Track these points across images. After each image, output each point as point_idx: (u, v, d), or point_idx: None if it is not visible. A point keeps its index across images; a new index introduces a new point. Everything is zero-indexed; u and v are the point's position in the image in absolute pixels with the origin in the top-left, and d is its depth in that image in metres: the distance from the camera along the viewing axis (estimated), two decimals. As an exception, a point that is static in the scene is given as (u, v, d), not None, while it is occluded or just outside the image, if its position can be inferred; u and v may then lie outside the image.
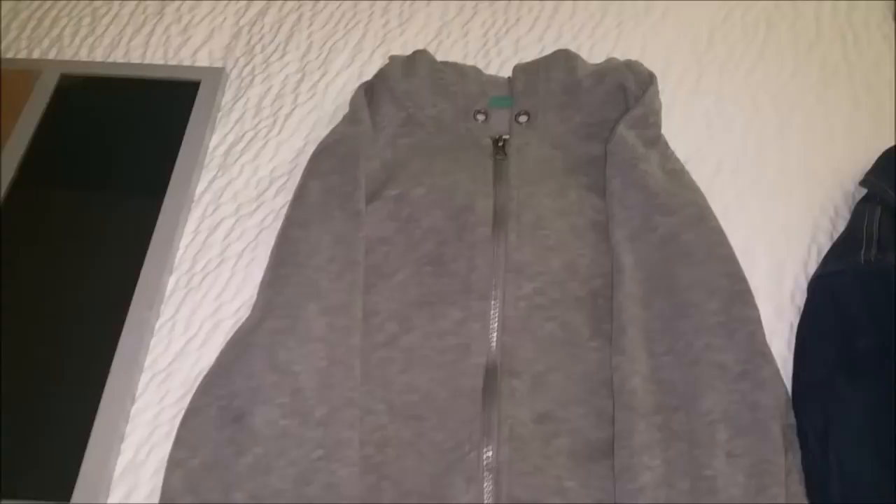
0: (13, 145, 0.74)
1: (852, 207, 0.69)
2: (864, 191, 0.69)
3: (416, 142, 0.71)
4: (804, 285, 0.65)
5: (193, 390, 0.59)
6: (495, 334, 0.61)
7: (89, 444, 0.58)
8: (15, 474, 0.58)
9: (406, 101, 0.72)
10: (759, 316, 0.59)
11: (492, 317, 0.62)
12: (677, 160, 0.70)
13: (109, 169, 0.73)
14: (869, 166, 0.70)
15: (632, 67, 0.73)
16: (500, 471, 0.55)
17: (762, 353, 0.57)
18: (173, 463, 0.56)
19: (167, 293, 0.66)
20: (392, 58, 0.75)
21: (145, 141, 0.75)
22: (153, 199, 0.70)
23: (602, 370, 0.60)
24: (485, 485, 0.55)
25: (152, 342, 0.64)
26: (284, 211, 0.66)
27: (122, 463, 0.59)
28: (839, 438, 0.54)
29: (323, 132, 0.71)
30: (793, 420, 0.57)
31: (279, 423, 0.55)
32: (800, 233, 0.69)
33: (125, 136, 0.75)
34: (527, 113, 0.72)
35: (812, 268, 0.66)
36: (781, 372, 0.59)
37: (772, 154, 0.74)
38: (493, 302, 0.62)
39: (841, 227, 0.68)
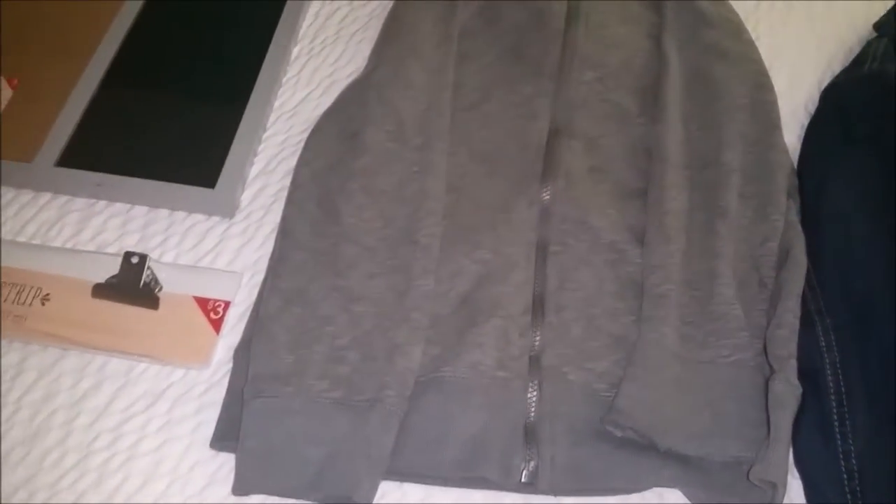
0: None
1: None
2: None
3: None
4: (817, 97, 0.78)
5: (315, 123, 0.74)
6: (560, 108, 0.75)
7: (230, 151, 0.73)
8: (169, 162, 0.73)
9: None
10: (776, 99, 0.72)
11: (558, 94, 0.75)
12: (723, -7, 0.83)
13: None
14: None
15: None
16: (555, 196, 0.69)
17: (776, 125, 0.71)
18: (302, 162, 0.70)
19: (293, 57, 0.81)
20: None
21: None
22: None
23: (646, 139, 0.72)
24: (541, 204, 0.69)
25: (280, 91, 0.79)
26: (392, 3, 0.80)
27: (255, 171, 0.74)
28: (831, 187, 0.67)
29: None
30: (796, 181, 0.70)
31: (385, 143, 0.70)
32: (818, 61, 0.81)
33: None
34: (596, -49, 0.86)
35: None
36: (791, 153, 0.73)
37: (801, 4, 0.87)
38: (560, 83, 0.76)
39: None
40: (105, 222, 0.72)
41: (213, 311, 0.66)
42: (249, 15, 0.84)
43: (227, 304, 0.67)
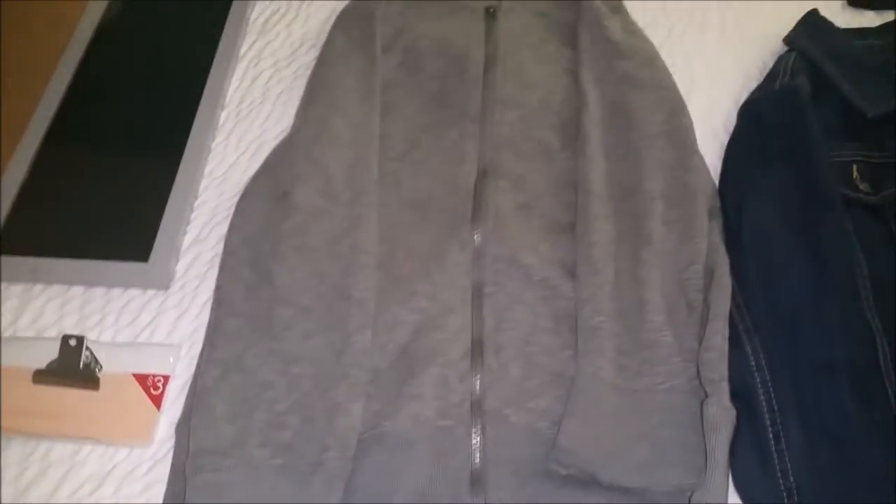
0: (87, 19, 0.89)
1: (778, 62, 0.85)
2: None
3: (421, 11, 0.86)
4: (734, 116, 0.80)
5: (245, 186, 0.74)
6: (486, 149, 0.76)
7: (162, 222, 0.74)
8: (102, 239, 0.74)
9: (413, -21, 0.88)
10: (691, 123, 0.74)
11: (483, 136, 0.77)
12: (635, 24, 0.84)
13: (170, 37, 0.89)
14: (795, 33, 0.86)
15: (598, -50, 0.88)
16: (486, 237, 0.70)
17: (693, 149, 0.72)
18: (233, 227, 0.71)
19: (220, 122, 0.82)
20: (401, -54, 0.90)
21: (198, 17, 0.90)
22: (207, 57, 0.85)
23: (570, 173, 0.74)
24: (473, 246, 0.70)
25: (210, 157, 0.79)
26: (314, 62, 0.82)
27: (188, 240, 0.75)
28: (752, 205, 0.69)
29: (345, 4, 0.86)
30: (718, 202, 0.72)
31: (314, 201, 0.70)
32: (734, 81, 0.83)
33: (181, 17, 0.91)
34: (513, -11, 0.88)
35: (742, 104, 0.82)
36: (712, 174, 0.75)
37: (713, 25, 0.89)
38: (483, 124, 0.77)
39: (768, 78, 0.84)
40: (43, 306, 0.72)
41: (152, 387, 0.66)
42: (176, 81, 0.85)
43: (167, 378, 0.67)
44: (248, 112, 0.83)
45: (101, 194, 0.76)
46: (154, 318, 0.71)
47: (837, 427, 0.57)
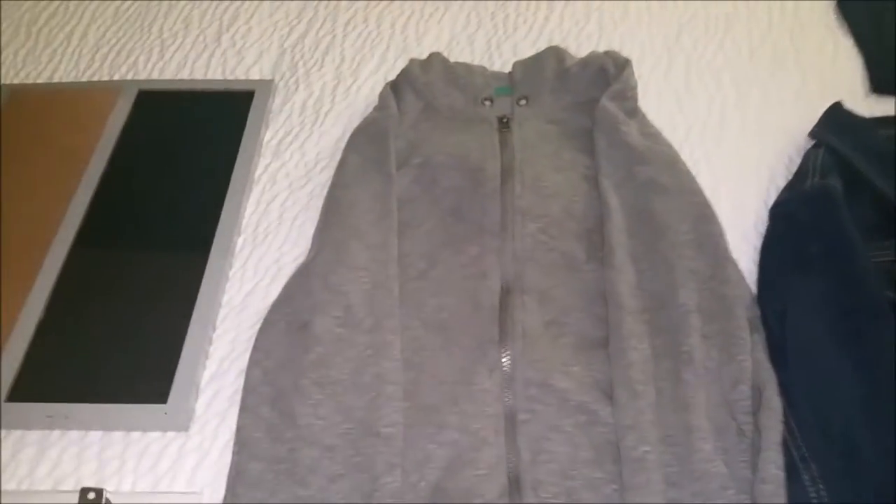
0: (103, 145, 0.89)
1: (803, 156, 0.83)
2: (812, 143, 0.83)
3: (435, 123, 0.86)
4: (765, 215, 0.78)
5: (264, 317, 0.72)
6: (508, 263, 0.74)
7: (180, 360, 0.71)
8: (118, 381, 0.71)
9: (425, 91, 0.87)
10: (722, 230, 0.72)
11: (504, 250, 0.75)
12: (653, 126, 0.84)
13: (184, 162, 0.88)
14: (817, 124, 0.84)
15: (610, 55, 0.87)
16: (515, 360, 0.68)
17: (726, 257, 0.70)
18: (252, 363, 0.69)
19: (237, 249, 0.80)
20: (412, 60, 0.90)
21: (212, 140, 0.90)
22: (223, 183, 0.84)
23: (597, 285, 0.72)
24: (502, 369, 0.67)
25: (227, 285, 0.77)
26: (329, 182, 0.81)
27: (207, 375, 0.72)
28: (794, 316, 0.66)
29: (358, 122, 0.86)
30: (758, 312, 0.69)
31: (335, 330, 0.68)
32: (759, 178, 0.82)
33: (195, 137, 0.90)
34: (525, 97, 0.87)
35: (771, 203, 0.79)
36: (747, 279, 0.72)
37: (733, 121, 0.88)
38: (504, 238, 0.75)
39: (795, 173, 0.82)
40: (61, 454, 0.69)
41: (174, 540, 0.63)
42: (192, 208, 0.84)
43: (189, 529, 0.63)
44: (265, 237, 0.81)
45: (117, 334, 0.74)
46: (174, 463, 0.67)
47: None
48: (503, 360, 0.68)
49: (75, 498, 0.65)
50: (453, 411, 0.65)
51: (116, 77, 0.98)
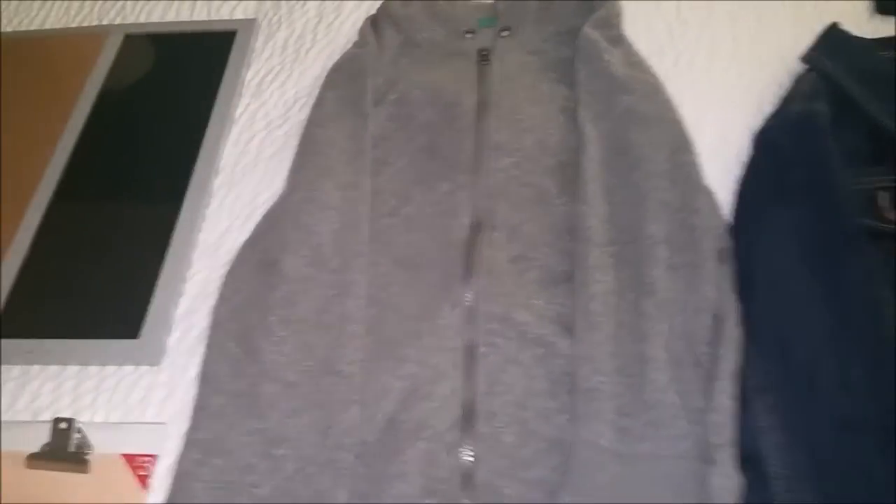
0: (88, 90, 0.90)
1: (795, 82, 0.78)
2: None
3: (413, 59, 0.84)
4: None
5: (235, 255, 0.73)
6: (480, 199, 0.73)
7: (154, 297, 0.73)
8: (94, 317, 0.73)
9: (405, 25, 0.85)
10: (696, 160, 0.69)
11: (476, 186, 0.73)
12: (638, 54, 0.80)
13: (167, 104, 0.89)
14: (813, 51, 0.80)
15: (595, -19, 0.84)
16: (478, 295, 0.67)
17: (697, 187, 0.67)
18: (221, 300, 0.69)
19: (214, 188, 0.81)
20: (392, -7, 0.89)
21: (194, 81, 0.90)
22: (202, 123, 0.85)
23: (567, 219, 0.70)
24: (465, 305, 0.67)
25: (203, 224, 0.78)
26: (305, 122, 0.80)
27: (180, 312, 0.73)
28: (766, 246, 0.63)
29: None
30: (730, 243, 0.66)
31: (302, 269, 0.68)
32: (748, 107, 0.78)
33: (178, 80, 0.91)
34: (508, 28, 0.84)
35: (757, 132, 0.76)
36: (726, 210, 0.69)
37: (724, 48, 0.84)
38: (477, 174, 0.74)
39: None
40: (39, 387, 0.71)
41: (140, 468, 0.64)
42: (171, 148, 0.84)
43: (154, 457, 0.65)
44: (242, 176, 0.81)
45: (95, 272, 0.76)
46: (145, 396, 0.69)
47: (861, 494, 0.50)
48: (466, 295, 0.67)
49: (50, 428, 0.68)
50: (414, 346, 0.65)
51: (105, 22, 0.98)
